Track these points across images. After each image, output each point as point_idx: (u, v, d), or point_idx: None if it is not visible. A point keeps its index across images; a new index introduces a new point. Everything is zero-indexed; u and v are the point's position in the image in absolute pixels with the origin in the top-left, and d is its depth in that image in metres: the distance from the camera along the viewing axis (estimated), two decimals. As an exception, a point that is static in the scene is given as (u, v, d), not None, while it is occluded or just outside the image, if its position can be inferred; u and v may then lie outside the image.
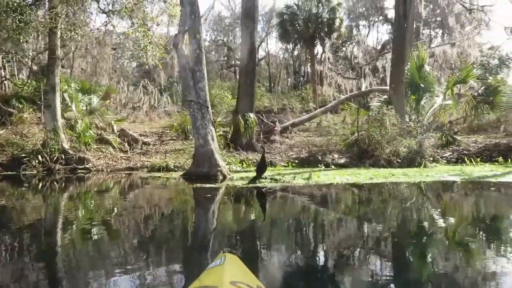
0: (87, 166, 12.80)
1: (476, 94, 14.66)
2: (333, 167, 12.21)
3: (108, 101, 18.02)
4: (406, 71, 14.55)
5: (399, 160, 12.02)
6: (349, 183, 8.62)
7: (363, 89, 21.95)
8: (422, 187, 8.40)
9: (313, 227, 5.18)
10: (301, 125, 20.84)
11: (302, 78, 32.72)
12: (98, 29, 14.27)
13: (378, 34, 50.05)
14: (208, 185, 8.49)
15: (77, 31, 12.56)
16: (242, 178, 9.55)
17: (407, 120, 13.29)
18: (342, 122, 21.56)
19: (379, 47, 33.05)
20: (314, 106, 25.34)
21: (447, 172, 9.87)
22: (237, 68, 34.93)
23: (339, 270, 3.38)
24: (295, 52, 32.27)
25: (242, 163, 12.45)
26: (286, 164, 12.55)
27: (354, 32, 33.31)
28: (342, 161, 12.78)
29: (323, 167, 12.17)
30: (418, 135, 12.70)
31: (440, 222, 5.37)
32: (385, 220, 5.57)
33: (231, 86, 28.94)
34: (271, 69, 33.50)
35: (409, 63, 14.60)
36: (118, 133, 15.74)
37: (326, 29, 25.75)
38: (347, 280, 3.18)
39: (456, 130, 18.89)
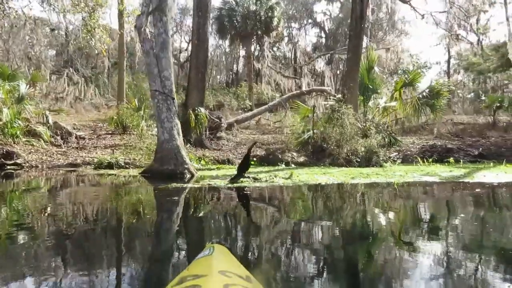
0: (17, 161, 11.16)
1: (421, 96, 15.34)
2: (293, 165, 11.92)
3: (33, 90, 16.10)
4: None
5: (358, 159, 12.09)
6: (338, 183, 7.86)
7: (303, 88, 22.11)
8: (430, 189, 7.39)
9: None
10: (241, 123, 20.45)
11: (234, 75, 32.31)
12: (31, 5, 12.55)
13: (307, 36, 50.80)
14: (186, 185, 7.44)
15: (9, 4, 10.88)
16: (213, 177, 8.79)
17: (363, 119, 13.47)
18: (280, 121, 21.58)
19: (309, 49, 33.84)
20: (250, 103, 25.14)
21: (414, 172, 9.98)
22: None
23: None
24: (228, 49, 31.78)
25: (200, 160, 11.65)
26: (245, 162, 11.97)
27: (285, 33, 33.75)
28: (301, 159, 12.54)
29: (283, 165, 11.82)
30: (375, 134, 12.90)
31: None
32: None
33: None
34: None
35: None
36: (50, 125, 14.00)
37: (264, 28, 25.62)
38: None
39: (391, 131, 19.78)
